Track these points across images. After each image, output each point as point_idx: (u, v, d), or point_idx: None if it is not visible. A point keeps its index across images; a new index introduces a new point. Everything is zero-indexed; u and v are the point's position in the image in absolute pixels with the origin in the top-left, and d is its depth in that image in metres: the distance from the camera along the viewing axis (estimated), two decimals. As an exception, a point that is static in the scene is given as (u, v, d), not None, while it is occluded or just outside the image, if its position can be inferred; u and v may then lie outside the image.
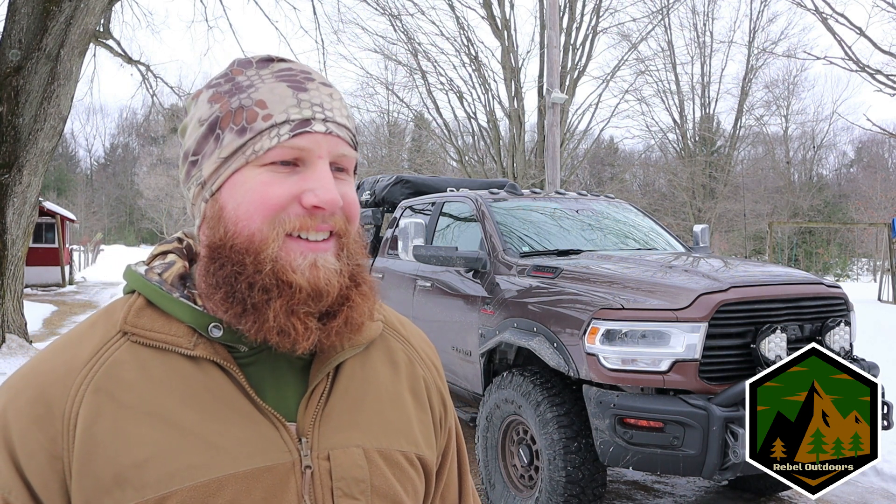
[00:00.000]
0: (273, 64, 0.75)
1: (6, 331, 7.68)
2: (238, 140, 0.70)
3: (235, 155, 0.71)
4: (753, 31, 25.97)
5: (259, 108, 0.70)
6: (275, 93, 0.71)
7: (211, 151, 0.72)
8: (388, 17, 16.36)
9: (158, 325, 0.71)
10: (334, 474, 0.71)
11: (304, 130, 0.70)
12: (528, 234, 4.50)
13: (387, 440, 0.77)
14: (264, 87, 0.72)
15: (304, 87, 0.72)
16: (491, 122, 17.18)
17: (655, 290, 3.26)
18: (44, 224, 18.31)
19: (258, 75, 0.73)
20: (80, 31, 7.55)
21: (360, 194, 6.80)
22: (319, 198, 0.69)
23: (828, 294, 3.43)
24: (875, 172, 33.38)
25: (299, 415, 0.72)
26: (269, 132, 0.70)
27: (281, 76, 0.73)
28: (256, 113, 0.70)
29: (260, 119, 0.70)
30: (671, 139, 27.02)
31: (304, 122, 0.70)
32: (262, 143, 0.70)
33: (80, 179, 60.80)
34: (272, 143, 0.69)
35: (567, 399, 3.38)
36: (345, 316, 0.72)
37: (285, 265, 0.69)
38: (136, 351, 0.70)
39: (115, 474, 0.65)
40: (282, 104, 0.70)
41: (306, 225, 0.70)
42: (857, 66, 11.40)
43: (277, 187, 0.69)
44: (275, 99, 0.71)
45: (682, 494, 4.19)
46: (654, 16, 18.72)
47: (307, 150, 0.70)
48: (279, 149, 0.70)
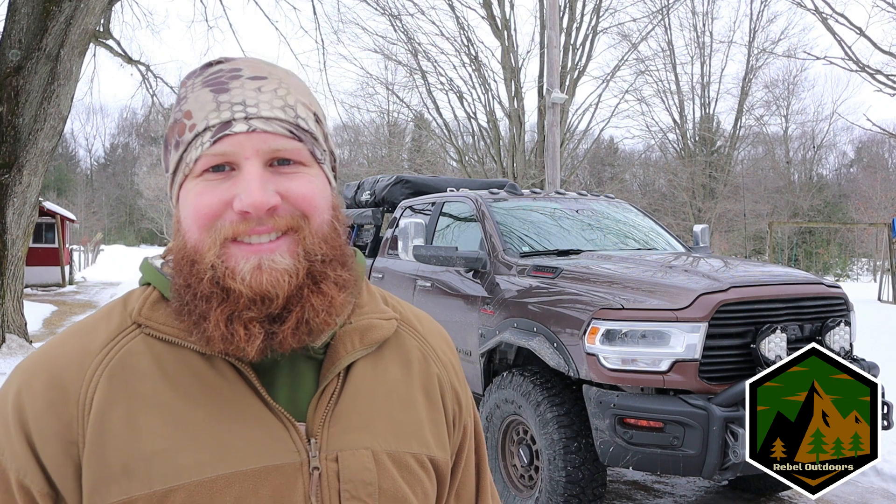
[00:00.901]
0: (210, 69, 0.73)
1: (6, 331, 7.68)
2: (175, 154, 0.72)
3: (177, 170, 0.72)
4: (753, 31, 25.99)
5: (186, 119, 0.70)
6: (199, 101, 0.70)
7: (166, 167, 0.75)
8: (388, 17, 16.37)
9: (172, 320, 0.71)
10: (342, 476, 0.71)
11: (224, 134, 0.68)
12: (528, 234, 4.50)
13: (397, 442, 0.75)
14: (192, 96, 0.71)
15: (226, 87, 0.70)
16: (491, 122, 17.19)
17: (655, 290, 3.26)
18: (44, 224, 18.31)
19: (192, 84, 0.73)
20: (80, 31, 7.55)
21: (360, 194, 6.80)
22: (243, 202, 0.68)
23: (828, 294, 3.43)
24: (875, 172, 33.38)
25: (309, 415, 0.72)
26: (195, 143, 0.69)
27: (207, 81, 0.71)
28: (185, 125, 0.70)
29: (187, 131, 0.70)
30: (671, 139, 27.04)
31: (224, 125, 0.69)
32: (190, 154, 0.70)
33: (80, 179, 60.81)
34: (197, 154, 0.69)
35: (567, 399, 3.38)
36: (295, 318, 0.69)
37: (226, 271, 0.68)
38: (150, 343, 0.70)
39: (124, 464, 0.65)
40: (202, 111, 0.70)
41: (240, 230, 0.68)
42: (857, 66, 11.41)
43: (208, 196, 0.69)
44: (198, 107, 0.70)
45: (682, 494, 4.19)
46: (653, 16, 18.73)
47: (232, 154, 0.69)
48: (204, 158, 0.69)
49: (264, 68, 0.73)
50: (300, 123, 0.72)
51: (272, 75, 0.73)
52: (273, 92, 0.71)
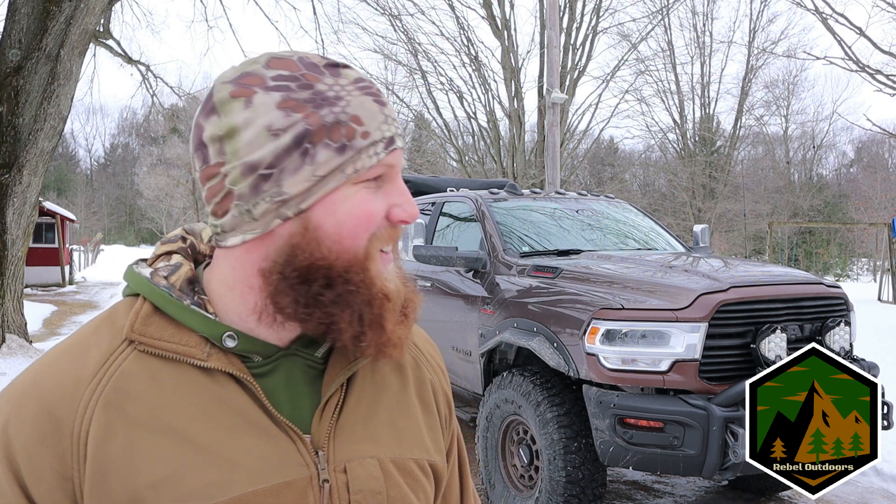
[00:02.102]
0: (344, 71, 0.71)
1: (6, 331, 7.68)
2: (338, 158, 0.67)
3: (334, 173, 0.67)
4: (753, 31, 26.00)
5: (356, 124, 0.68)
6: (366, 108, 0.69)
7: (297, 167, 0.66)
8: (388, 17, 16.37)
9: (168, 334, 0.68)
10: (351, 487, 0.70)
11: (395, 147, 0.71)
12: (528, 234, 4.51)
13: (399, 449, 0.76)
14: (354, 100, 0.69)
15: (383, 101, 0.71)
16: (491, 122, 17.19)
17: (655, 290, 3.26)
18: (44, 224, 18.32)
19: (340, 85, 0.69)
20: (80, 31, 7.55)
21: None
22: (407, 212, 0.71)
23: (828, 294, 3.43)
24: (875, 172, 33.38)
25: (314, 427, 0.71)
26: (368, 150, 0.68)
27: (364, 90, 0.70)
28: (354, 130, 0.68)
29: (359, 136, 0.68)
30: (671, 139, 27.05)
31: (392, 140, 0.71)
32: (362, 161, 0.68)
33: (80, 179, 60.81)
34: (373, 162, 0.69)
35: (567, 399, 3.38)
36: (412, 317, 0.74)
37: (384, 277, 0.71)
38: (145, 361, 0.67)
39: (131, 496, 0.62)
40: (374, 121, 0.69)
41: (394, 238, 0.72)
42: (857, 66, 11.41)
43: (373, 204, 0.70)
44: (368, 115, 0.69)
45: (682, 494, 4.19)
46: (653, 16, 18.73)
47: (393, 166, 0.71)
48: (378, 166, 0.69)
49: None
50: None
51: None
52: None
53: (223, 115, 0.67)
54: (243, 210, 0.67)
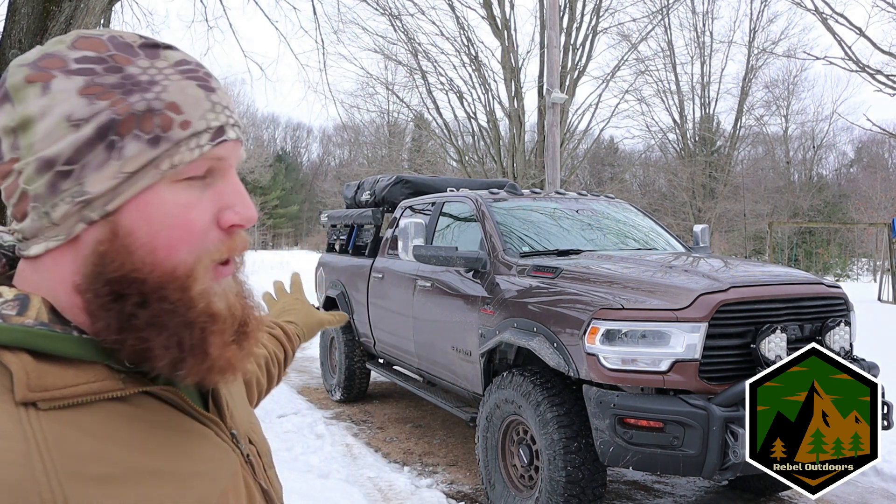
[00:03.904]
0: (165, 52, 0.63)
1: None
2: (151, 151, 0.58)
3: (146, 169, 0.58)
4: (753, 31, 25.98)
5: (173, 112, 0.59)
6: (187, 94, 0.61)
7: (101, 163, 0.57)
8: (388, 17, 16.36)
9: (70, 377, 0.57)
10: (261, 451, 0.75)
11: (223, 139, 0.62)
12: (528, 234, 4.51)
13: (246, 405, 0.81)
14: (173, 86, 0.60)
15: (211, 87, 0.63)
16: (491, 122, 17.18)
17: (655, 290, 3.26)
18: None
19: (156, 68, 0.61)
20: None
21: (360, 194, 6.81)
22: (241, 215, 0.62)
23: (828, 294, 3.43)
24: (875, 172, 33.38)
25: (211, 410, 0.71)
26: (189, 142, 0.60)
27: (187, 73, 0.62)
28: (171, 119, 0.59)
29: (177, 126, 0.59)
30: (671, 139, 27.03)
31: (221, 130, 0.62)
32: (181, 155, 0.59)
33: (80, 179, 60.82)
34: (194, 156, 0.60)
35: (567, 399, 3.38)
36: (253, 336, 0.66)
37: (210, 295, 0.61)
38: (60, 418, 0.55)
39: None
40: (197, 108, 0.61)
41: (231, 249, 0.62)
42: (857, 66, 11.41)
43: (196, 210, 0.60)
44: (188, 102, 0.60)
45: (682, 494, 4.19)
46: (653, 16, 18.72)
47: (224, 160, 0.63)
48: (200, 161, 0.60)
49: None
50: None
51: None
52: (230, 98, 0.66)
53: (17, 104, 0.58)
54: (41, 213, 0.58)
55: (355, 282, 6.06)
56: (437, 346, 4.60)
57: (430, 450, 5.01)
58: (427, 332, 4.75)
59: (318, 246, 37.63)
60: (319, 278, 7.09)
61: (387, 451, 4.97)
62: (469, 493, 4.18)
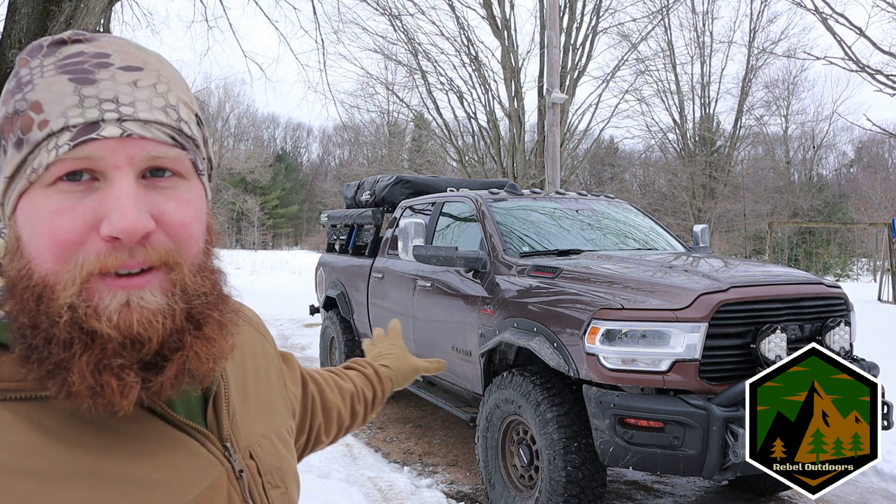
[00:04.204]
0: (64, 48, 0.58)
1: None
2: (17, 155, 0.56)
3: (17, 174, 0.57)
4: (753, 31, 25.98)
5: (34, 112, 0.55)
6: (52, 90, 0.56)
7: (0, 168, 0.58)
8: (388, 17, 16.35)
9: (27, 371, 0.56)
10: (262, 469, 0.71)
11: (89, 137, 0.55)
12: (528, 234, 4.51)
13: (273, 420, 0.78)
14: (42, 82, 0.56)
15: (91, 77, 0.56)
16: (491, 122, 17.18)
17: (655, 290, 3.26)
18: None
19: (40, 66, 0.57)
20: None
21: (360, 194, 6.81)
22: (113, 226, 0.54)
23: (828, 294, 3.43)
24: (875, 172, 33.36)
25: (210, 421, 0.68)
26: (47, 144, 0.55)
27: (64, 66, 0.57)
28: (32, 119, 0.55)
29: (35, 127, 0.55)
30: (671, 139, 27.04)
31: (90, 127, 0.55)
32: (39, 158, 0.55)
33: (80, 179, 60.80)
34: (51, 158, 0.55)
35: (567, 399, 3.38)
36: (176, 367, 0.57)
37: (88, 310, 0.54)
38: (14, 409, 0.55)
39: None
40: (59, 105, 0.55)
41: (107, 265, 0.54)
42: (857, 66, 11.41)
43: (68, 217, 0.55)
44: (52, 98, 0.55)
45: (682, 494, 4.19)
46: (653, 16, 18.72)
47: (98, 160, 0.55)
48: (60, 163, 0.55)
49: (138, 56, 0.60)
50: (183, 128, 0.60)
51: (148, 66, 0.60)
52: (152, 88, 0.59)
53: None
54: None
55: (355, 282, 6.06)
56: (438, 347, 4.60)
57: (430, 450, 5.01)
58: (427, 332, 4.75)
59: (318, 246, 37.60)
60: (319, 278, 7.09)
61: (387, 451, 4.97)
62: (469, 493, 4.18)
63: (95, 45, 0.59)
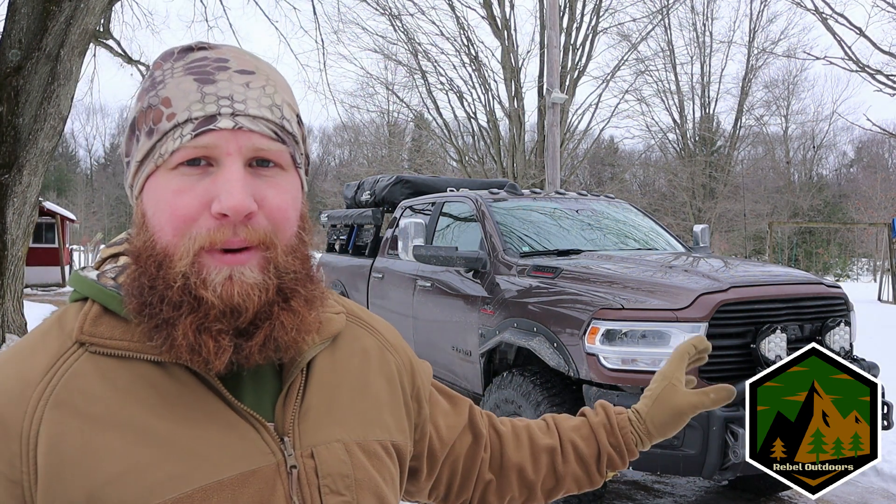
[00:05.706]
0: (191, 54, 0.69)
1: (6, 331, 7.68)
2: (148, 143, 0.66)
3: (147, 159, 0.67)
4: (753, 31, 26.00)
5: (164, 106, 0.66)
6: (180, 88, 0.66)
7: (131, 152, 0.69)
8: (388, 17, 16.37)
9: (119, 333, 0.66)
10: (320, 471, 0.70)
11: (208, 129, 0.64)
12: (528, 234, 4.51)
13: (363, 431, 0.76)
14: (172, 82, 0.66)
15: (212, 78, 0.66)
16: (491, 122, 17.18)
17: (655, 290, 3.26)
18: (44, 224, 18.30)
19: (171, 69, 0.68)
20: (80, 31, 7.55)
21: (360, 194, 6.81)
22: (223, 204, 0.63)
23: (828, 294, 3.43)
24: (875, 172, 33.36)
25: (277, 414, 0.70)
26: (173, 133, 0.65)
27: (190, 68, 0.67)
28: (161, 112, 0.66)
29: (164, 119, 0.65)
30: (671, 139, 27.06)
31: (208, 119, 0.64)
32: (166, 145, 0.65)
33: (80, 179, 60.78)
34: (175, 146, 0.64)
35: (567, 399, 3.38)
36: (264, 334, 0.66)
37: (198, 281, 0.63)
38: (96, 361, 0.65)
39: (89, 494, 0.61)
40: (184, 100, 0.65)
41: (215, 240, 0.64)
42: (857, 66, 11.40)
43: (187, 196, 0.64)
44: (179, 95, 0.65)
45: (682, 494, 4.19)
46: (653, 16, 18.73)
47: (214, 148, 0.64)
48: (182, 150, 0.64)
49: (251, 62, 0.70)
50: (285, 125, 0.69)
51: (260, 70, 0.69)
52: (262, 89, 0.68)
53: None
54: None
55: (355, 282, 6.06)
56: (438, 346, 4.60)
57: (430, 450, 5.00)
58: (427, 332, 4.74)
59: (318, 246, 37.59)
60: (319, 278, 7.08)
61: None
62: (469, 493, 4.17)
63: (217, 52, 0.69)
